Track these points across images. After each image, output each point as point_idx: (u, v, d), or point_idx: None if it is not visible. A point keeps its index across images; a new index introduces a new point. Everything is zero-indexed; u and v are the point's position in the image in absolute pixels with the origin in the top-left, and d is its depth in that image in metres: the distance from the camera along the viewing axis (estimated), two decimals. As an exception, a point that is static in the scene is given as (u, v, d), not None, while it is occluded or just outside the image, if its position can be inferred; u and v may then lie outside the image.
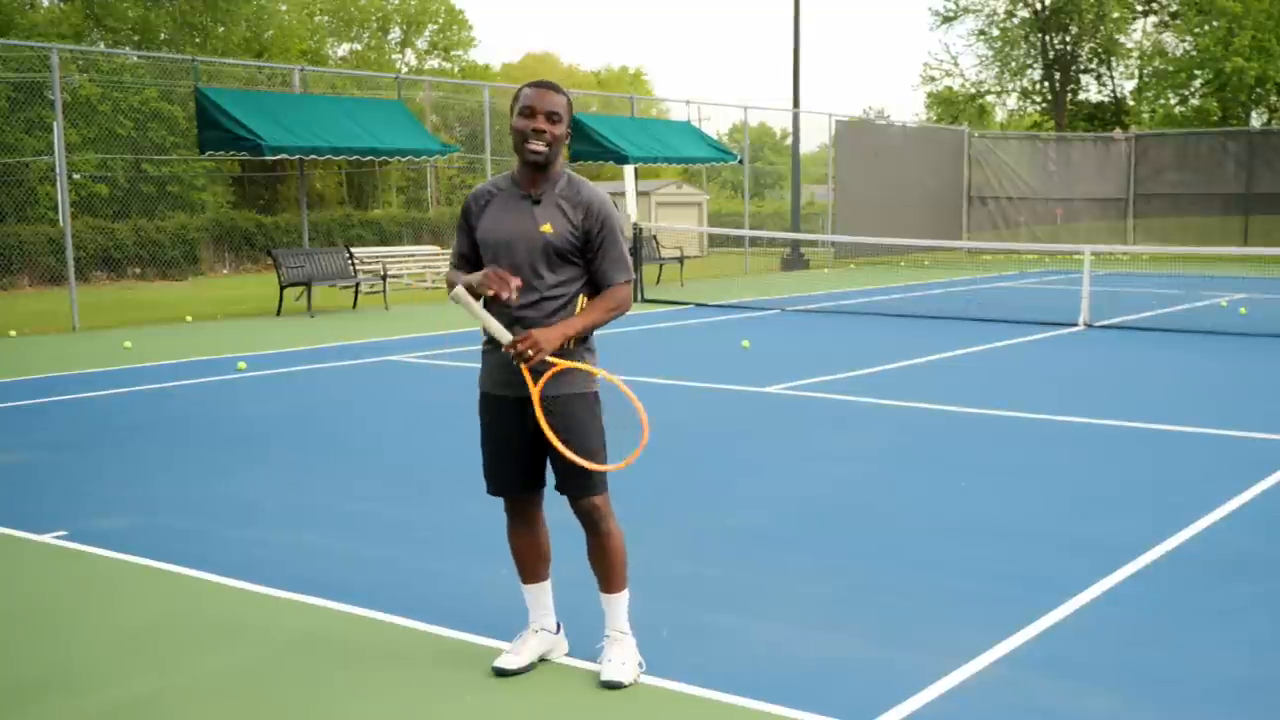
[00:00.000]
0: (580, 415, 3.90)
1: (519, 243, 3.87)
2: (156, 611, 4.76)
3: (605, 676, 3.94)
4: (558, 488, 4.00)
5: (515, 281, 3.76)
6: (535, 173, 3.92)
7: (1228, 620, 4.54)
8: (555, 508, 4.12)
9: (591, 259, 3.93)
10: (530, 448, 3.96)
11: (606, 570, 4.02)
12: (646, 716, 3.79)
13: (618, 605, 4.05)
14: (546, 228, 3.87)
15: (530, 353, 3.71)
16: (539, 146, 3.83)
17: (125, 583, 5.13)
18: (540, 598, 4.15)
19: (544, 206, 3.90)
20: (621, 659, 3.97)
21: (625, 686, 3.92)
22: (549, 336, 3.75)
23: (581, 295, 3.95)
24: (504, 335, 3.79)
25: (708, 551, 5.44)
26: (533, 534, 4.11)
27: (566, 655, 4.20)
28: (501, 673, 4.03)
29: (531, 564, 4.12)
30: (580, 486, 3.93)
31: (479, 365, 4.09)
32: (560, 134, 3.87)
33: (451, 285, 3.93)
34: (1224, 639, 4.36)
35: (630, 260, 4.01)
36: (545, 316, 3.85)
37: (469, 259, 4.03)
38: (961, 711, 3.76)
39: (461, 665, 4.15)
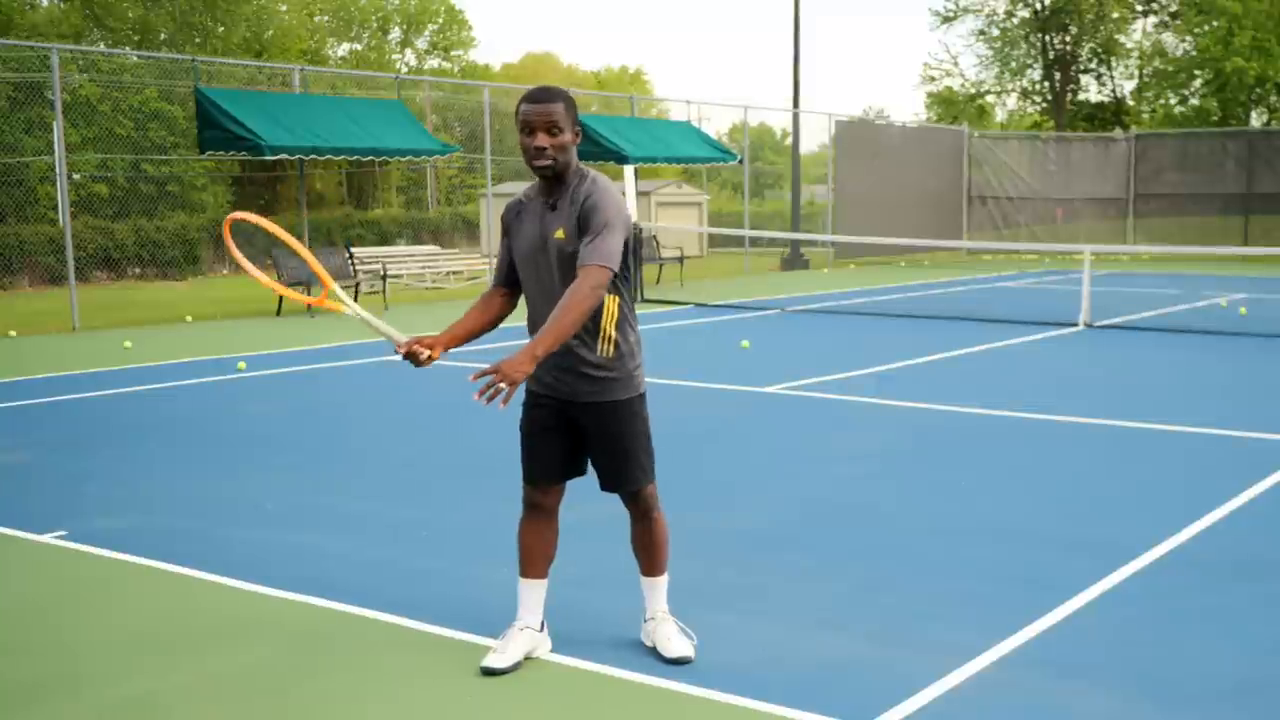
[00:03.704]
0: (624, 424, 4.01)
1: (539, 253, 3.93)
2: (156, 611, 4.76)
3: (674, 654, 4.10)
4: (608, 486, 4.11)
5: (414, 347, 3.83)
6: (551, 182, 3.94)
7: (1228, 620, 4.54)
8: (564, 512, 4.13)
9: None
10: (573, 439, 4.07)
11: (653, 554, 4.23)
12: (646, 716, 3.79)
13: (661, 588, 4.26)
14: (559, 234, 3.88)
15: (503, 385, 3.51)
16: (544, 163, 3.84)
17: (125, 583, 5.12)
18: (536, 594, 4.17)
19: (558, 213, 3.91)
20: (678, 635, 4.18)
21: (692, 660, 4.09)
22: (517, 362, 3.55)
23: (610, 297, 3.90)
24: (398, 337, 3.83)
25: (708, 551, 5.43)
26: (549, 528, 4.18)
27: (551, 653, 4.20)
28: (490, 672, 4.03)
29: (538, 558, 4.16)
30: (633, 478, 4.06)
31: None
32: (564, 142, 3.84)
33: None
34: (1224, 639, 4.35)
35: (614, 250, 3.78)
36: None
37: (508, 272, 4.12)
38: (961, 711, 3.76)
39: (461, 665, 4.14)
